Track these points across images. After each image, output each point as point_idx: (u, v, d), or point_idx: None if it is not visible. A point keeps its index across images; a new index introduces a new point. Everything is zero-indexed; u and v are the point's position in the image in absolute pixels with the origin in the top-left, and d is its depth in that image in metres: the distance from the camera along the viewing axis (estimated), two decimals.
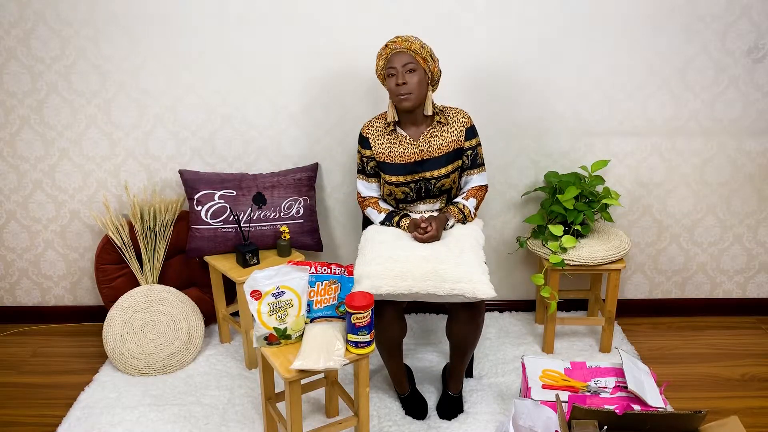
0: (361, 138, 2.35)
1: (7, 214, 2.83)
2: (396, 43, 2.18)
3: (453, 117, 2.31)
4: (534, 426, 1.96)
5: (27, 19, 2.54)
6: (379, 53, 2.23)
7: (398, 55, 2.17)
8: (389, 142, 2.30)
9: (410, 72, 2.17)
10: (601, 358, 2.64)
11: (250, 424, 2.29)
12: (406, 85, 2.16)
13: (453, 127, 2.30)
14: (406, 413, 2.34)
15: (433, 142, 2.29)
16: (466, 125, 2.31)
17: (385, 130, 2.31)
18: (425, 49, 2.20)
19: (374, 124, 2.34)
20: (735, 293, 3.00)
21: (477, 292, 2.02)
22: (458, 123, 2.30)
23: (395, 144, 2.30)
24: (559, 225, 2.53)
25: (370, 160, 2.35)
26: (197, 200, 2.57)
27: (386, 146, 2.31)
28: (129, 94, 2.65)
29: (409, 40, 2.19)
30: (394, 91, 2.19)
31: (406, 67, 2.16)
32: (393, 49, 2.18)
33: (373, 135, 2.32)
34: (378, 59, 2.24)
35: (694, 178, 2.80)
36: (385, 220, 2.35)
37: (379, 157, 2.32)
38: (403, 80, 2.16)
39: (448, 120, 2.30)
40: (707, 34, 2.59)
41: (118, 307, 2.59)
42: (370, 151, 2.33)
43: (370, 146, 2.33)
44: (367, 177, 2.39)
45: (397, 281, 2.04)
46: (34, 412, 2.40)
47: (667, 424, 1.82)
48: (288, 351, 1.96)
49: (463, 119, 2.31)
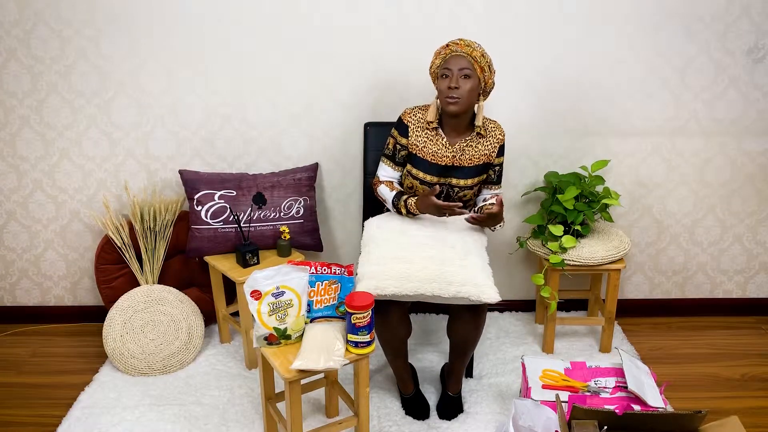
0: (401, 124, 2.29)
1: (7, 214, 2.83)
2: (458, 45, 2.15)
3: (491, 131, 2.28)
4: (534, 426, 1.96)
5: (27, 19, 2.54)
6: (438, 51, 2.21)
7: (457, 58, 2.14)
8: (426, 137, 2.26)
9: (465, 78, 2.14)
10: (601, 358, 2.64)
11: (250, 424, 2.29)
12: (458, 89, 2.13)
13: (489, 141, 2.27)
14: (407, 413, 2.34)
15: (467, 151, 2.26)
16: (500, 142, 2.29)
17: (426, 125, 2.27)
18: (485, 59, 2.16)
19: (417, 114, 2.28)
20: (735, 293, 3.00)
21: (482, 295, 2.02)
22: (494, 138, 2.28)
23: (431, 141, 2.26)
24: (559, 225, 2.53)
25: (403, 149, 2.30)
26: (197, 200, 2.57)
27: (423, 140, 2.27)
28: (129, 94, 2.65)
29: (472, 46, 2.15)
30: (445, 92, 2.15)
31: (462, 72, 2.13)
32: (453, 51, 2.15)
33: (414, 125, 2.28)
34: (435, 57, 2.21)
35: (694, 178, 2.80)
36: (395, 198, 2.29)
37: (412, 149, 2.28)
38: (456, 84, 2.13)
39: (486, 133, 2.28)
40: (707, 34, 2.59)
41: (118, 307, 2.59)
42: (406, 139, 2.29)
43: (407, 135, 2.28)
44: (394, 164, 2.34)
45: (402, 282, 2.03)
46: (34, 412, 2.40)
47: (667, 424, 1.82)
48: (288, 351, 1.96)
49: (500, 135, 2.29)
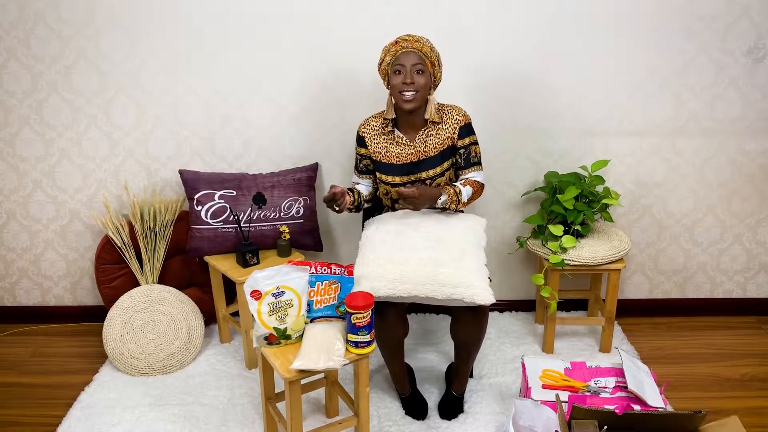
0: (358, 136, 2.36)
1: (7, 214, 2.83)
2: (408, 42, 2.17)
3: (448, 114, 2.28)
4: (534, 426, 1.96)
5: (27, 19, 2.54)
6: (386, 48, 2.21)
7: (408, 54, 2.16)
8: (386, 142, 2.30)
9: (419, 73, 2.16)
10: (601, 358, 2.64)
11: (250, 424, 2.29)
12: (413, 84, 2.15)
13: (447, 124, 2.28)
14: (406, 413, 2.34)
15: (428, 141, 2.27)
16: (461, 123, 2.27)
17: (382, 130, 2.31)
18: (434, 53, 2.20)
19: (371, 123, 2.33)
20: (735, 293, 3.00)
21: (475, 297, 2.01)
22: (452, 120, 2.27)
23: (392, 144, 2.29)
24: (559, 225, 2.52)
25: (363, 158, 2.37)
26: (197, 200, 2.56)
27: (383, 146, 2.30)
28: (129, 94, 2.65)
29: (421, 41, 2.17)
30: (399, 88, 2.16)
31: (415, 68, 2.15)
32: (403, 48, 2.17)
33: (370, 134, 2.33)
34: (384, 54, 2.21)
35: (694, 178, 2.80)
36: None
37: (375, 156, 2.32)
38: (411, 80, 2.14)
39: (442, 118, 2.28)
40: (707, 34, 2.59)
41: (118, 307, 2.59)
42: (365, 149, 2.35)
43: (365, 145, 2.34)
44: (359, 173, 2.43)
45: (395, 284, 2.03)
46: (34, 412, 2.40)
47: (667, 424, 1.82)
48: (288, 351, 1.96)
49: (458, 116, 2.27)
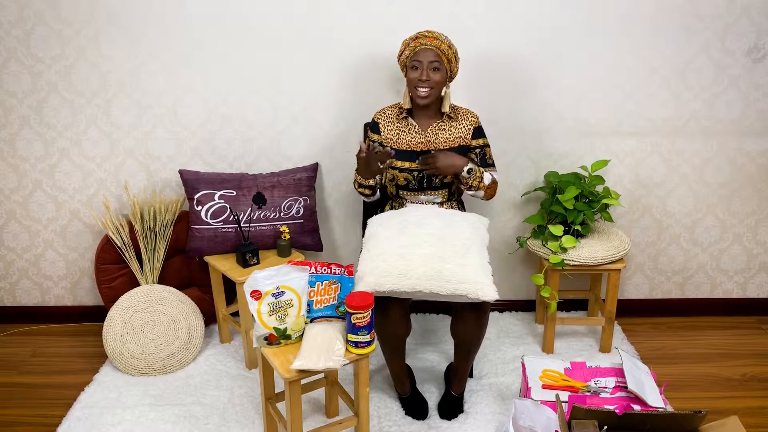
0: (373, 123, 2.42)
1: (7, 214, 2.83)
2: (427, 38, 2.23)
3: (463, 115, 2.38)
4: (534, 426, 1.96)
5: (27, 19, 2.54)
6: (406, 42, 2.27)
7: (426, 51, 2.22)
8: (398, 129, 2.37)
9: (434, 70, 2.23)
10: (601, 358, 2.64)
11: (250, 424, 2.29)
12: (428, 81, 2.22)
13: (461, 123, 2.36)
14: (406, 413, 2.34)
15: (440, 134, 2.34)
16: (474, 124, 2.38)
17: (396, 118, 2.38)
18: (452, 50, 2.25)
19: (386, 111, 2.41)
20: (735, 293, 3.00)
21: (480, 293, 2.02)
22: (467, 121, 2.37)
23: (404, 131, 2.36)
24: (559, 225, 2.52)
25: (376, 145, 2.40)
26: (197, 200, 2.56)
27: (395, 133, 2.37)
28: (129, 94, 2.65)
29: (440, 39, 2.23)
30: (415, 83, 2.24)
31: (432, 65, 2.22)
32: (422, 44, 2.23)
33: (384, 121, 2.39)
34: (404, 47, 2.28)
35: (694, 178, 2.80)
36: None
37: (387, 143, 2.38)
38: (427, 77, 2.22)
39: (458, 117, 2.37)
40: (707, 34, 2.59)
41: (118, 307, 2.59)
42: (378, 135, 2.39)
43: (379, 131, 2.39)
44: None
45: (401, 279, 2.03)
46: (34, 412, 2.40)
47: (667, 424, 1.82)
48: (288, 351, 1.96)
49: (473, 118, 2.38)
